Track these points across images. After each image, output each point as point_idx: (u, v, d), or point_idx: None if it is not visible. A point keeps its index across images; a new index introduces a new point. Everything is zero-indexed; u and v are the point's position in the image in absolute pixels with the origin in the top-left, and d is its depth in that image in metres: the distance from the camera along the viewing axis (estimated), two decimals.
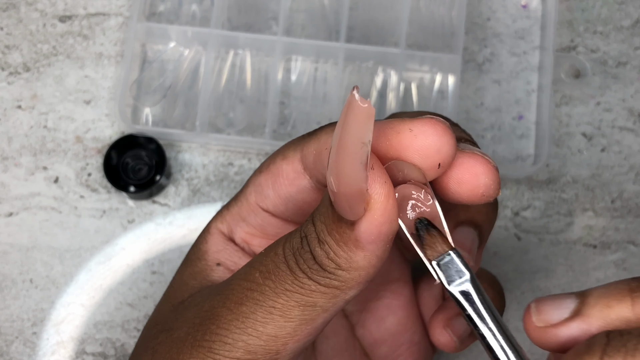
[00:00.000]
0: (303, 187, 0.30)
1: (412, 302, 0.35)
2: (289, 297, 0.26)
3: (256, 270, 0.27)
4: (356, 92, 0.21)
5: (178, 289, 0.32)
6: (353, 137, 0.22)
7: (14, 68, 0.52)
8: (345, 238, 0.25)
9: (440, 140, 0.24)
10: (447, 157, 0.25)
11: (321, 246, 0.25)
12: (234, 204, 0.32)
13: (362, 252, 0.25)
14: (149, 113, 0.52)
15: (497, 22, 0.54)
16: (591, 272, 0.51)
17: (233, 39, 0.52)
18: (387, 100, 0.52)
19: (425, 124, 0.25)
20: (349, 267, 0.25)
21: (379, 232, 0.24)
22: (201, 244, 0.33)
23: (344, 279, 0.25)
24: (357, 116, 0.21)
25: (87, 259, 0.50)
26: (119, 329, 0.49)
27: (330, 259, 0.25)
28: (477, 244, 0.32)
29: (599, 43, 0.54)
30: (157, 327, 0.31)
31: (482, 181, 0.25)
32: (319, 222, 0.25)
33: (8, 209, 0.50)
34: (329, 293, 0.26)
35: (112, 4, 0.54)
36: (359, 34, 0.53)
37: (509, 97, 0.53)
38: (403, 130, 0.25)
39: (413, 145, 0.24)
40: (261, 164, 0.32)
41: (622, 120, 0.53)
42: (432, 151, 0.24)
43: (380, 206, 0.24)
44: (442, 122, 0.25)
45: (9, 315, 0.49)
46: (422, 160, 0.25)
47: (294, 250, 0.26)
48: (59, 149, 0.51)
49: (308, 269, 0.26)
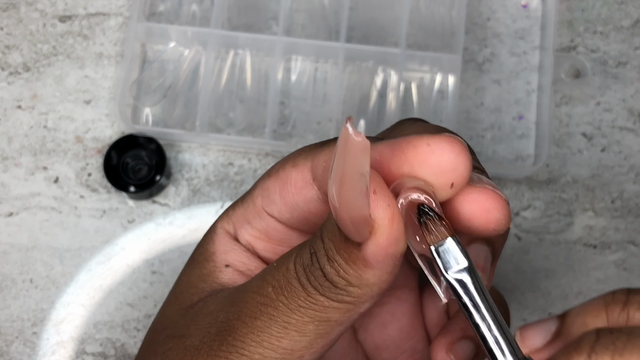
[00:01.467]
0: (310, 197, 0.29)
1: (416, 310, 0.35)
2: (303, 313, 0.26)
3: (269, 285, 0.27)
4: (350, 126, 0.21)
5: (186, 292, 0.32)
6: (350, 169, 0.22)
7: (14, 68, 0.52)
8: (353, 257, 0.25)
9: (457, 159, 0.24)
10: (461, 177, 0.25)
11: (331, 264, 0.25)
12: (240, 204, 0.32)
13: (371, 271, 0.25)
14: (149, 113, 0.52)
15: (497, 22, 0.54)
16: (591, 272, 0.51)
17: (233, 39, 0.52)
18: (387, 100, 0.52)
19: (444, 140, 0.24)
20: (360, 283, 0.25)
21: (386, 253, 0.24)
22: (208, 245, 0.32)
23: (356, 295, 0.25)
24: (352, 150, 0.21)
25: (87, 259, 0.50)
26: (119, 329, 0.49)
27: (341, 276, 0.25)
28: (490, 261, 0.31)
29: (599, 43, 0.54)
30: (166, 332, 0.31)
31: (493, 216, 0.25)
32: (327, 239, 0.25)
33: (8, 209, 0.50)
34: (342, 308, 0.26)
35: (112, 4, 0.54)
36: (359, 34, 0.53)
37: (509, 97, 0.53)
38: (420, 145, 0.24)
39: (429, 161, 0.24)
40: (271, 167, 0.31)
41: (622, 120, 0.53)
42: (447, 169, 0.24)
43: (384, 230, 0.24)
44: (460, 141, 0.25)
45: (9, 315, 0.49)
46: (435, 177, 0.24)
47: (305, 266, 0.26)
48: (59, 149, 0.51)
49: (319, 286, 0.25)
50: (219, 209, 0.51)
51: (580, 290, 0.51)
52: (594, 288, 0.51)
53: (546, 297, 0.50)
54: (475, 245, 0.31)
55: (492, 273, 0.32)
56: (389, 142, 0.25)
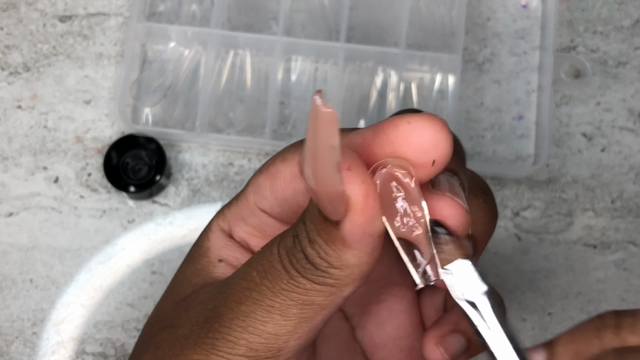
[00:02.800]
0: (299, 190, 0.30)
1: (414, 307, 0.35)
2: (286, 296, 0.26)
3: (254, 269, 0.27)
4: (318, 97, 0.21)
5: (180, 286, 0.32)
6: (321, 142, 0.22)
7: (14, 68, 0.52)
8: (332, 237, 0.25)
9: (437, 136, 0.24)
10: (443, 155, 0.25)
11: (312, 245, 0.25)
12: (234, 202, 0.33)
13: (350, 251, 0.25)
14: (149, 113, 0.52)
15: (497, 22, 0.54)
16: (591, 272, 0.51)
17: (233, 39, 0.52)
18: (387, 100, 0.52)
19: (424, 118, 0.25)
20: (341, 265, 0.25)
21: (363, 231, 0.24)
22: (203, 241, 0.33)
23: (338, 277, 0.26)
24: (321, 122, 0.21)
25: (87, 259, 0.50)
26: (119, 329, 0.49)
27: (322, 257, 0.25)
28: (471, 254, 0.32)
29: (599, 43, 0.54)
30: (159, 325, 0.31)
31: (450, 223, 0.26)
32: (308, 221, 0.26)
33: (8, 209, 0.50)
34: (325, 291, 0.26)
35: (112, 4, 0.54)
36: (359, 34, 0.53)
37: (509, 97, 0.53)
38: (401, 124, 0.25)
39: (409, 139, 0.24)
40: (263, 164, 0.32)
41: (622, 120, 0.53)
42: (429, 146, 0.24)
43: (359, 207, 0.24)
44: (441, 119, 0.25)
45: (9, 315, 0.49)
46: (417, 155, 0.25)
47: (287, 249, 0.26)
48: (59, 149, 0.51)
49: (302, 268, 0.26)
50: (219, 208, 0.51)
51: (580, 290, 0.51)
52: (594, 288, 0.51)
53: (546, 297, 0.50)
54: None
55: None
56: (371, 126, 0.26)
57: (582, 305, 0.50)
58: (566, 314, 0.50)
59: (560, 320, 0.50)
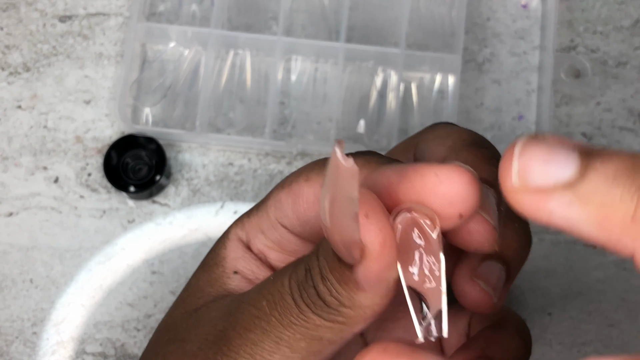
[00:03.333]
0: None
1: None
2: (295, 330, 0.26)
3: (264, 298, 0.27)
4: (339, 150, 0.21)
5: (193, 295, 0.32)
6: (339, 194, 0.21)
7: (14, 68, 0.52)
8: (345, 279, 0.24)
9: (466, 190, 0.24)
10: (469, 208, 0.24)
11: (324, 282, 0.25)
12: (255, 213, 0.32)
13: (363, 293, 0.24)
14: (149, 113, 0.52)
15: (497, 22, 0.54)
16: (591, 272, 0.51)
17: (233, 39, 0.52)
18: (387, 100, 0.52)
19: (453, 171, 0.24)
20: (353, 305, 0.25)
21: (378, 277, 0.24)
22: (220, 249, 0.32)
23: (349, 316, 0.25)
24: (341, 175, 0.21)
25: (87, 259, 0.50)
26: (119, 329, 0.49)
27: (333, 296, 0.25)
28: (503, 280, 0.30)
29: (599, 43, 0.54)
30: (169, 334, 0.31)
31: (474, 238, 0.25)
32: (322, 257, 0.25)
33: (8, 209, 0.50)
34: (335, 328, 0.25)
35: (112, 4, 0.54)
36: (359, 34, 0.53)
37: (509, 97, 0.53)
38: (428, 175, 0.24)
39: (436, 191, 0.24)
40: (285, 178, 0.31)
41: (622, 120, 0.53)
42: (456, 200, 0.24)
43: (375, 255, 0.23)
44: (469, 170, 0.24)
45: (9, 315, 0.49)
46: (443, 208, 0.24)
47: (299, 283, 0.26)
48: (59, 149, 0.51)
49: (312, 304, 0.25)
50: (219, 209, 0.51)
51: (580, 290, 0.51)
52: (594, 288, 0.51)
53: (546, 297, 0.50)
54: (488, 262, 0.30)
55: (504, 293, 0.30)
56: (397, 167, 0.25)
57: (582, 305, 0.50)
58: (566, 314, 0.50)
59: (560, 320, 0.50)
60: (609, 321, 0.50)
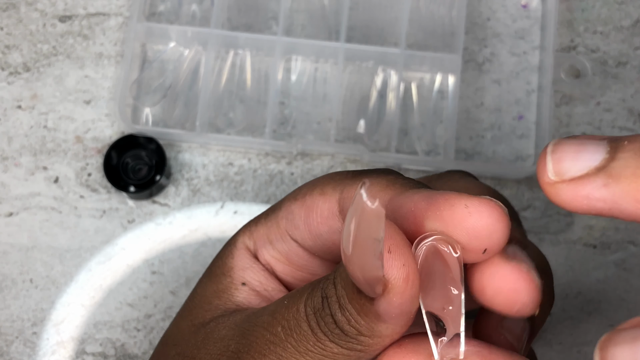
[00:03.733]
0: (336, 228, 0.29)
1: None
2: (311, 357, 0.25)
3: (279, 324, 0.26)
4: (364, 192, 0.20)
5: (200, 307, 0.31)
6: (364, 235, 0.21)
7: (14, 68, 0.52)
8: (366, 310, 0.24)
9: (495, 225, 0.23)
10: (496, 244, 0.23)
11: (342, 312, 0.24)
12: (264, 222, 0.31)
13: (384, 324, 0.24)
14: (149, 113, 0.52)
15: (497, 22, 0.54)
16: (591, 272, 0.51)
17: (233, 39, 0.52)
18: (387, 100, 0.52)
19: (483, 204, 0.23)
20: (372, 334, 0.24)
21: (400, 311, 0.23)
22: (227, 258, 0.31)
23: (367, 344, 0.25)
24: (366, 217, 0.20)
25: (87, 259, 0.50)
26: (119, 329, 0.49)
27: (352, 326, 0.24)
28: (527, 333, 0.29)
29: (599, 43, 0.54)
30: (176, 349, 0.30)
31: (520, 298, 0.24)
32: (340, 286, 0.25)
33: (8, 209, 0.50)
34: (352, 355, 0.25)
35: (112, 4, 0.54)
36: (359, 34, 0.53)
37: (509, 97, 0.53)
38: (458, 205, 0.23)
39: (464, 223, 0.23)
40: (298, 189, 0.30)
41: (622, 120, 0.53)
42: (483, 234, 0.23)
43: (398, 290, 0.23)
44: (500, 206, 0.23)
45: (9, 315, 0.49)
46: (469, 240, 0.23)
47: (315, 310, 0.25)
48: (59, 149, 0.51)
49: (329, 332, 0.25)
50: (219, 209, 0.51)
51: (580, 290, 0.51)
52: (594, 288, 0.51)
53: None
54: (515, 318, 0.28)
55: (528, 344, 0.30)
56: (425, 193, 0.24)
57: (582, 305, 0.50)
58: (566, 314, 0.50)
59: (560, 320, 0.50)
60: (609, 321, 0.50)
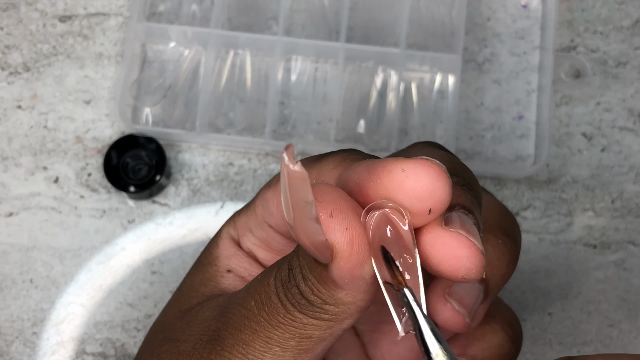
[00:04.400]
0: None
1: None
2: (283, 329, 0.26)
3: (252, 298, 0.27)
4: (286, 156, 0.20)
5: (187, 294, 0.32)
6: (295, 199, 0.21)
7: (14, 68, 0.52)
8: (324, 277, 0.24)
9: (434, 184, 0.23)
10: (439, 203, 0.23)
11: (305, 282, 0.25)
12: (244, 211, 0.32)
13: (343, 291, 0.24)
14: (149, 113, 0.52)
15: (497, 22, 0.54)
16: (591, 272, 0.51)
17: (233, 39, 0.52)
18: (387, 100, 0.52)
19: (419, 164, 0.23)
20: (335, 302, 0.25)
21: (352, 275, 0.24)
22: (213, 248, 0.32)
23: (334, 312, 0.25)
24: (292, 181, 0.21)
25: (87, 259, 0.50)
26: (119, 329, 0.49)
27: (316, 295, 0.25)
28: (480, 300, 0.29)
29: (599, 43, 0.54)
30: (163, 334, 0.31)
31: (462, 264, 0.24)
32: (301, 257, 0.25)
33: (8, 209, 0.50)
34: (322, 325, 0.25)
35: (112, 4, 0.54)
36: (359, 34, 0.53)
37: (509, 97, 0.53)
38: (395, 170, 0.23)
39: (404, 186, 0.23)
40: (273, 177, 0.31)
41: (622, 120, 0.53)
42: (424, 195, 0.23)
43: (344, 254, 0.23)
44: (437, 164, 0.23)
45: (9, 315, 0.49)
46: (412, 203, 0.23)
47: (283, 282, 0.26)
48: (59, 149, 0.51)
49: (297, 303, 0.25)
50: (219, 209, 0.51)
51: (580, 290, 0.51)
52: (593, 288, 0.51)
53: (546, 297, 0.50)
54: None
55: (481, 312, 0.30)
56: (367, 163, 0.25)
57: (582, 305, 0.50)
58: (566, 314, 0.50)
59: (560, 320, 0.50)
60: (609, 321, 0.50)
